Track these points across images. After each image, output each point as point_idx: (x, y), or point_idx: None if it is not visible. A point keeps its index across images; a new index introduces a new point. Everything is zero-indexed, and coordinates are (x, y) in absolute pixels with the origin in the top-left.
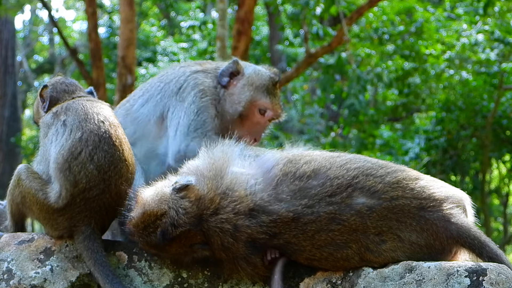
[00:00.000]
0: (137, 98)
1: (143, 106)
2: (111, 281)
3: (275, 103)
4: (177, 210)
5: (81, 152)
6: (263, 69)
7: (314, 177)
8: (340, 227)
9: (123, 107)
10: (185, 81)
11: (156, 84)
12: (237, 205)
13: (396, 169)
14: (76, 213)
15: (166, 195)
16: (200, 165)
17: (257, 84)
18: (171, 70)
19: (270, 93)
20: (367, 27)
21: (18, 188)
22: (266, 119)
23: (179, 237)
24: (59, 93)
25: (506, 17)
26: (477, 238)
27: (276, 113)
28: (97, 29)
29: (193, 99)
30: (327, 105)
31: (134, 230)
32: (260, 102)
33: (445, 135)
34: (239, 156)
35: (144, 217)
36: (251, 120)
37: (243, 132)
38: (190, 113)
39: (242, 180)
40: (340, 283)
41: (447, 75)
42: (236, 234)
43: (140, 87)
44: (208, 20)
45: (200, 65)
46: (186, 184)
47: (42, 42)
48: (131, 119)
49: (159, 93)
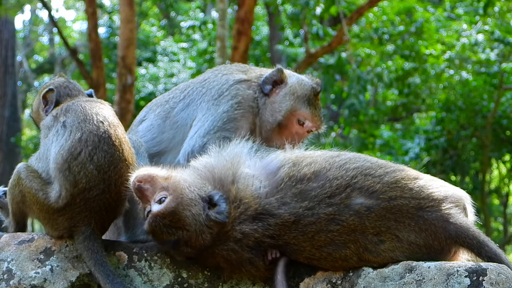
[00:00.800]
0: (178, 101)
1: (183, 110)
2: (111, 281)
3: (315, 114)
4: (197, 236)
5: (81, 153)
6: (306, 78)
7: (314, 179)
8: (339, 227)
9: (161, 107)
10: (227, 90)
11: (198, 89)
12: (245, 212)
13: (395, 168)
14: (76, 213)
15: (199, 213)
16: (215, 167)
17: (298, 93)
18: (214, 76)
19: (311, 104)
20: (367, 27)
21: (18, 187)
22: (305, 130)
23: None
24: (62, 97)
25: (506, 17)
26: (475, 237)
27: (315, 124)
28: (97, 29)
29: (228, 108)
30: (327, 105)
31: (155, 217)
32: (300, 112)
33: (445, 135)
34: (248, 155)
35: (171, 215)
36: (290, 130)
37: (281, 142)
38: (219, 119)
39: (250, 183)
40: (340, 283)
41: (447, 75)
42: (243, 241)
43: (180, 89)
44: (208, 20)
45: (244, 73)
46: (221, 221)
47: (42, 42)
48: (170, 123)
49: (200, 98)
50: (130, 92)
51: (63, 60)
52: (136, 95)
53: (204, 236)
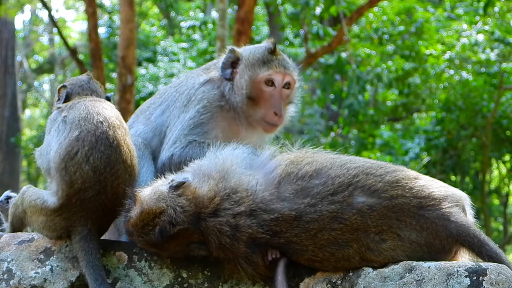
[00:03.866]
0: (156, 106)
1: (160, 116)
2: (99, 285)
3: (278, 68)
4: (175, 208)
5: (77, 153)
6: (260, 44)
7: (316, 177)
8: (342, 226)
9: (143, 114)
10: (193, 95)
11: (172, 94)
12: (238, 206)
13: (395, 169)
14: (72, 214)
15: (164, 193)
16: (204, 165)
17: (252, 61)
18: (185, 81)
19: (268, 61)
20: (367, 27)
21: (21, 207)
22: (278, 88)
23: (177, 235)
24: (73, 95)
25: (506, 17)
26: (476, 236)
27: (284, 77)
28: (97, 29)
29: (194, 114)
30: (327, 105)
31: (133, 229)
32: (261, 76)
33: (445, 135)
34: (245, 157)
35: (142, 215)
36: (263, 97)
37: (262, 111)
38: (186, 127)
39: (245, 181)
40: (340, 283)
41: (447, 75)
42: (236, 235)
43: (160, 93)
44: (208, 20)
45: (207, 73)
46: (182, 182)
47: (42, 42)
48: (151, 128)
49: (173, 104)
50: (130, 92)
51: (63, 60)
52: (136, 95)
53: (181, 203)
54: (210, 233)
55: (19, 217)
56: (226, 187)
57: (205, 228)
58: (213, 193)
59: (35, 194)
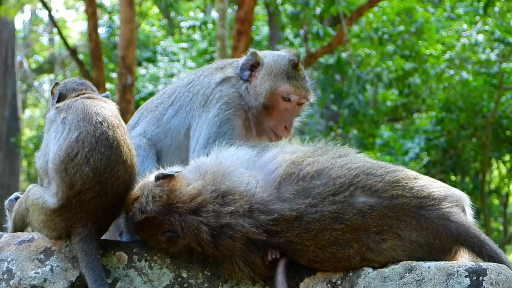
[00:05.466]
0: (167, 106)
1: (173, 117)
2: (98, 286)
3: (298, 86)
4: (147, 197)
5: (77, 154)
6: (282, 53)
7: (317, 177)
8: (343, 226)
9: (152, 113)
10: (211, 94)
11: (185, 94)
12: (228, 207)
13: (395, 169)
14: (72, 215)
15: (148, 182)
16: (204, 163)
17: (275, 71)
18: (197, 79)
19: (291, 77)
20: (367, 27)
21: (25, 204)
22: (293, 104)
23: (145, 222)
24: (68, 91)
25: (506, 17)
26: (476, 236)
27: (301, 96)
28: (97, 29)
29: (218, 112)
30: (327, 105)
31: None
32: (281, 89)
33: (445, 135)
34: (248, 158)
35: (128, 200)
36: (278, 109)
37: (273, 123)
38: (213, 125)
39: (243, 182)
40: (340, 283)
41: (447, 75)
42: (229, 233)
43: (168, 93)
44: (208, 20)
45: (223, 71)
46: (167, 174)
47: (42, 42)
48: (163, 130)
49: (189, 104)
50: (130, 92)
51: (63, 60)
52: (136, 95)
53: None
54: (187, 228)
55: (22, 215)
56: (216, 189)
57: (179, 222)
58: (197, 192)
59: (38, 193)
